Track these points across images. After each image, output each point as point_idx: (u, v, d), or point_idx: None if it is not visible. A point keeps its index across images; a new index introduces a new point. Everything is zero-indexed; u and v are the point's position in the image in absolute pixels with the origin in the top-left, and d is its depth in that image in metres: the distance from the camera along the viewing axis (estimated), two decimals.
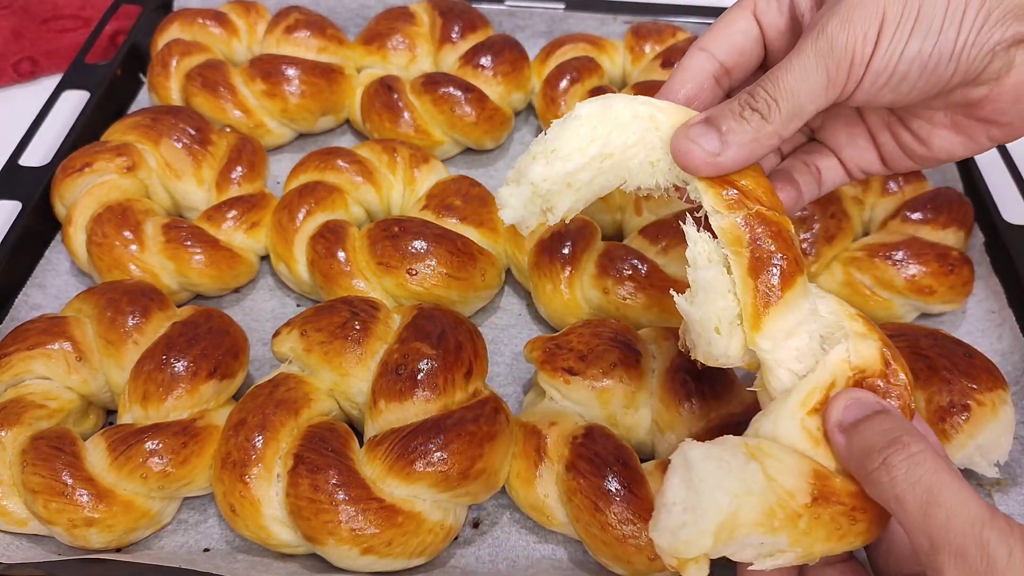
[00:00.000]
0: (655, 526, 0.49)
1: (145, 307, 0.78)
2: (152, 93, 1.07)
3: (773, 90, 0.55)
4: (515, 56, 1.08)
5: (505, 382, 0.84)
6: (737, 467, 0.49)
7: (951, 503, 0.45)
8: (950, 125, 0.61)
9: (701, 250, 0.55)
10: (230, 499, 0.67)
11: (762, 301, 0.52)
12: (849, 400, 0.51)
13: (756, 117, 0.55)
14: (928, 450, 0.47)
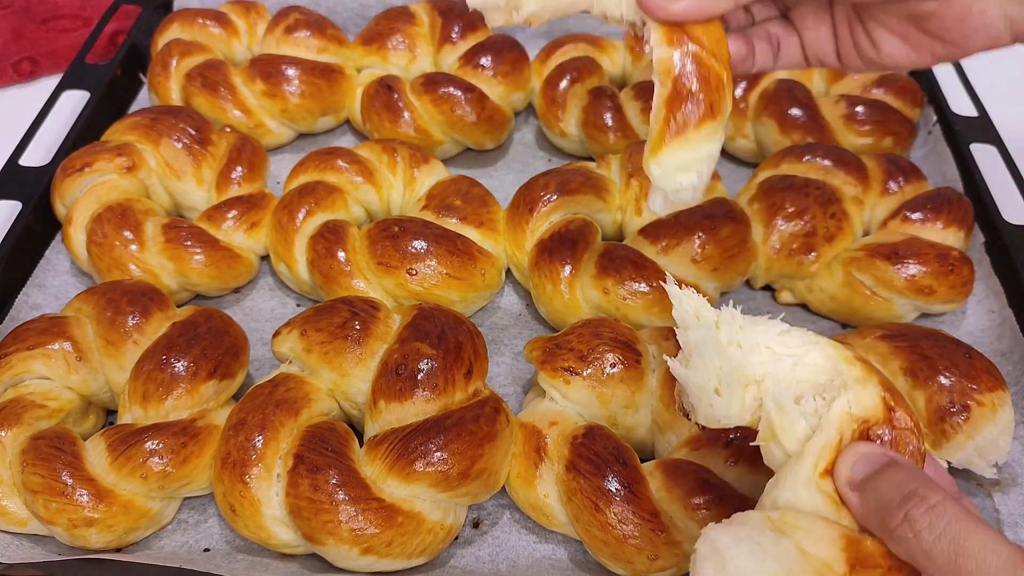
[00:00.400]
0: None
1: (145, 307, 0.78)
2: (152, 93, 1.07)
3: None
4: (515, 56, 1.08)
5: (505, 382, 0.84)
6: (770, 547, 0.47)
7: (979, 552, 0.43)
8: (900, 34, 0.66)
9: (688, 308, 0.54)
10: (230, 499, 0.67)
11: (667, 130, 0.57)
12: (855, 456, 0.49)
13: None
14: (947, 499, 0.46)
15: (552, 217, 0.89)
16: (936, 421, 0.72)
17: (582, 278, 0.84)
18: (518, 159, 1.08)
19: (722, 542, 0.47)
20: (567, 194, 0.89)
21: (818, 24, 0.70)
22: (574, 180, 0.90)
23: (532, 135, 1.12)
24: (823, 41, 0.70)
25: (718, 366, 0.52)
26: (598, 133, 1.01)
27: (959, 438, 0.71)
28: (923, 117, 1.07)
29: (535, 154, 1.09)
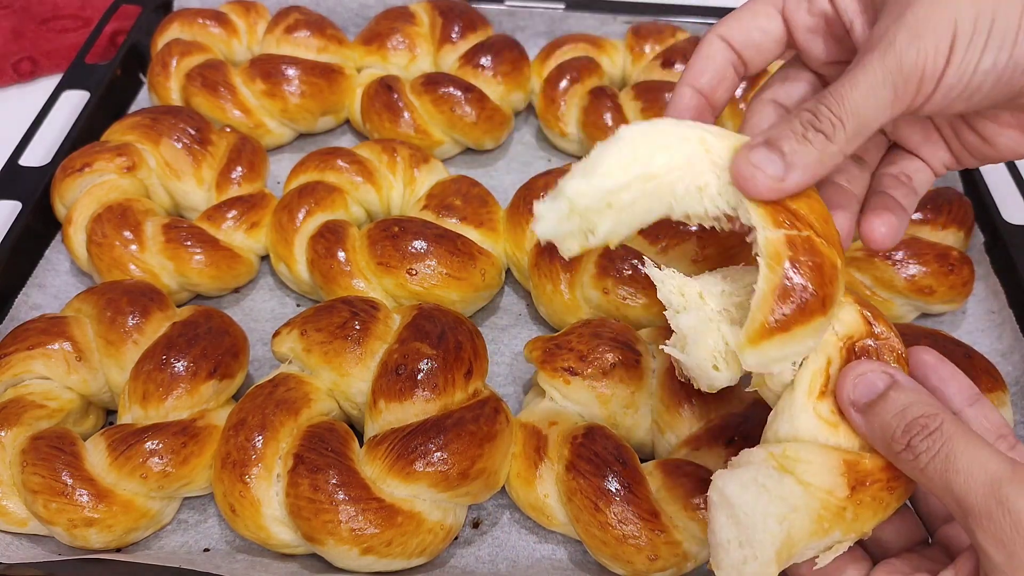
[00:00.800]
0: (719, 565, 0.50)
1: (145, 307, 0.78)
2: (152, 93, 1.07)
3: (837, 108, 0.52)
4: (515, 56, 1.08)
5: (505, 382, 0.84)
6: (774, 487, 0.49)
7: (967, 466, 0.46)
8: (1016, 125, 0.59)
9: (672, 288, 0.54)
10: (230, 499, 0.67)
11: (770, 325, 0.50)
12: (856, 378, 0.52)
13: (820, 138, 0.52)
14: (945, 421, 0.48)
15: None
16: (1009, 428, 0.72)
17: (582, 278, 0.84)
18: (518, 159, 1.08)
19: (730, 489, 0.50)
20: None
21: (927, 136, 0.64)
22: None
23: (532, 135, 1.12)
24: (935, 148, 0.64)
25: (713, 345, 0.53)
26: (598, 133, 1.01)
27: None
28: None
29: (535, 154, 1.09)
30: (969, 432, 0.48)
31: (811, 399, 0.53)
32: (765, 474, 0.50)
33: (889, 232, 0.60)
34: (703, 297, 0.54)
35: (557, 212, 0.53)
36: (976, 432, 0.48)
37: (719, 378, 0.54)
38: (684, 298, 0.55)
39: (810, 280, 0.50)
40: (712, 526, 0.51)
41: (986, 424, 0.55)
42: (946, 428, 0.48)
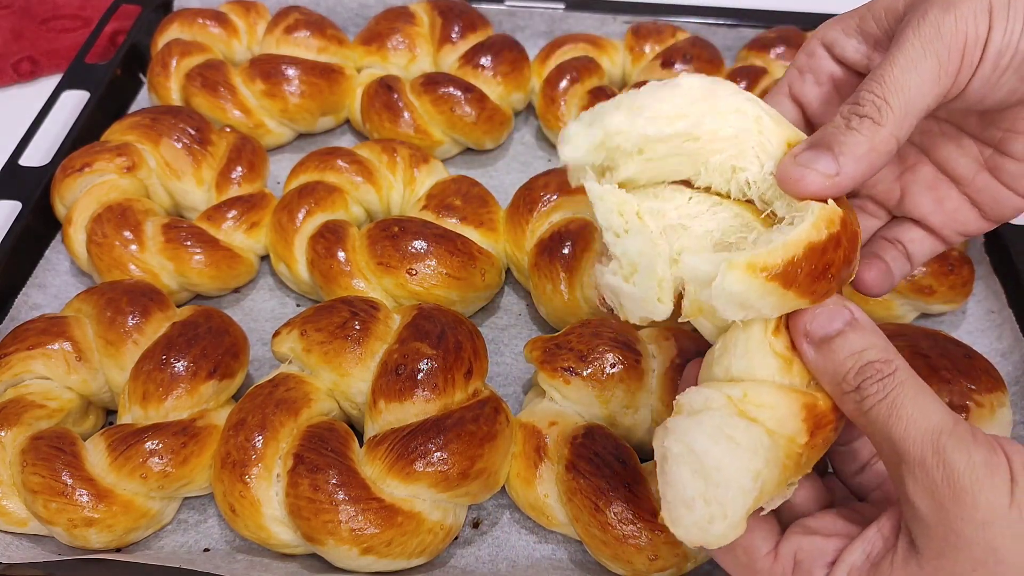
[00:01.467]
0: (678, 523, 0.47)
1: (145, 307, 0.78)
2: (152, 93, 1.07)
3: (879, 89, 0.49)
4: (515, 56, 1.08)
5: (505, 382, 0.84)
6: (744, 439, 0.46)
7: (911, 414, 0.45)
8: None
9: (611, 206, 0.49)
10: (230, 499, 0.67)
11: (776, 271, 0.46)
12: (812, 312, 0.49)
13: (867, 123, 0.49)
14: (899, 369, 0.47)
15: (552, 217, 0.89)
16: None
17: (582, 278, 0.84)
18: (518, 159, 1.08)
19: (699, 443, 0.46)
20: (567, 194, 0.89)
21: (940, 202, 0.60)
22: None
23: (532, 135, 1.12)
24: (954, 212, 0.60)
25: (662, 277, 0.49)
26: None
27: None
28: None
29: (535, 154, 1.09)
30: (920, 383, 0.47)
31: (768, 335, 0.50)
32: (732, 424, 0.46)
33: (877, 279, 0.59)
34: (641, 217, 0.50)
35: (589, 140, 0.50)
36: (927, 386, 0.47)
37: (660, 311, 0.50)
38: (623, 219, 0.49)
39: (834, 264, 0.48)
40: (670, 479, 0.47)
41: None
42: (899, 375, 0.46)
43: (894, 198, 0.62)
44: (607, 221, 0.50)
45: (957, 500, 0.43)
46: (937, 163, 0.61)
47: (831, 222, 0.48)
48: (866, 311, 0.85)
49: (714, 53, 1.09)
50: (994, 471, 0.43)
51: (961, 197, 0.60)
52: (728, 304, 0.47)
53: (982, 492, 0.42)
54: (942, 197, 0.60)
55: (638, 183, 0.52)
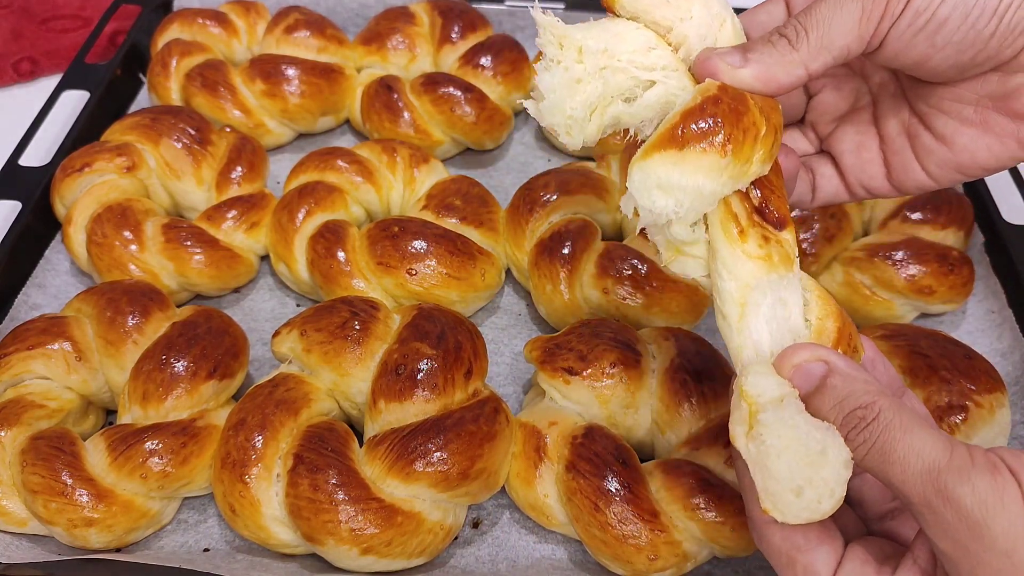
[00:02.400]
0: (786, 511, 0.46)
1: (145, 307, 0.78)
2: (152, 93, 1.07)
3: (804, 18, 0.53)
4: (515, 56, 1.08)
5: (505, 382, 0.84)
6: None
7: (904, 457, 0.44)
8: (978, 122, 0.57)
9: (552, 38, 0.52)
10: (230, 499, 0.67)
11: (667, 138, 0.50)
12: (792, 368, 0.50)
13: (783, 42, 0.53)
14: (883, 410, 0.46)
15: (552, 217, 0.89)
16: (934, 420, 0.72)
17: (582, 278, 0.84)
18: (518, 159, 1.08)
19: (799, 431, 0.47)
20: (567, 194, 0.89)
21: (859, 146, 0.63)
22: (574, 180, 0.90)
23: (532, 135, 1.12)
24: (867, 163, 0.63)
25: (573, 106, 0.52)
26: None
27: (956, 438, 0.71)
28: None
29: (535, 154, 1.09)
30: (907, 418, 0.46)
31: (735, 245, 0.52)
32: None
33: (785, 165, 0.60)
34: (582, 54, 0.52)
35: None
36: (916, 416, 0.46)
37: (569, 142, 0.53)
38: (561, 51, 0.52)
39: (723, 118, 0.50)
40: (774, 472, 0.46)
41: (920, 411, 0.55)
42: (883, 417, 0.46)
43: (828, 130, 0.66)
44: (545, 49, 0.52)
45: (975, 536, 0.42)
46: (875, 117, 0.64)
47: (706, 90, 0.51)
48: (866, 311, 0.86)
49: None
50: (1002, 493, 0.42)
51: (879, 153, 0.63)
52: (649, 195, 0.50)
53: (997, 521, 0.41)
54: (863, 145, 0.63)
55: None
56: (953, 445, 0.44)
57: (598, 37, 0.53)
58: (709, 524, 0.65)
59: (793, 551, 0.51)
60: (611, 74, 0.52)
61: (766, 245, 0.53)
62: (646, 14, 0.54)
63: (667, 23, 0.54)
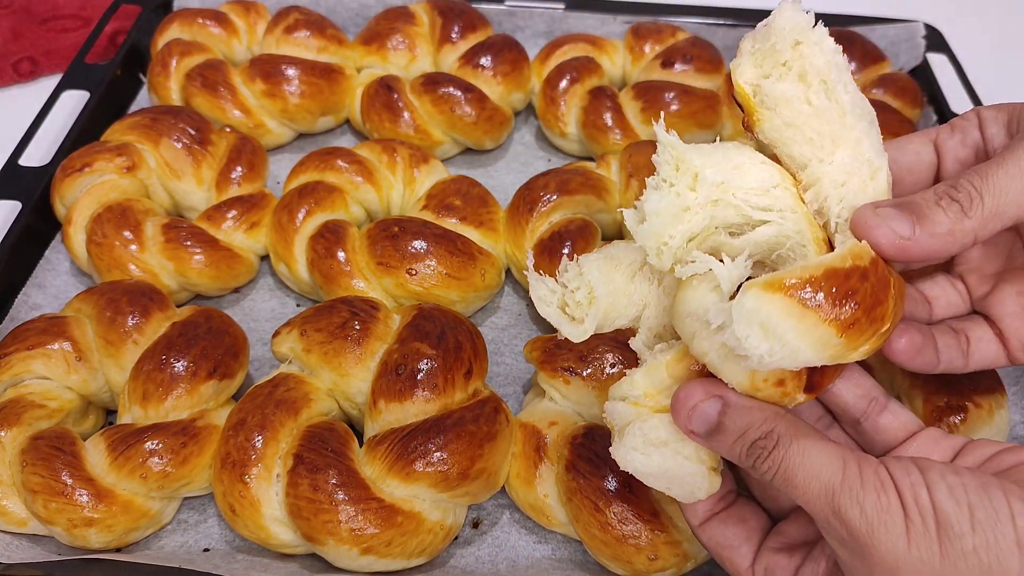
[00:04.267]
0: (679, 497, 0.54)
1: (145, 307, 0.78)
2: (152, 93, 1.07)
3: (979, 183, 0.49)
4: (515, 56, 1.08)
5: (505, 382, 0.84)
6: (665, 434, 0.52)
7: (803, 480, 0.47)
8: None
9: (670, 158, 0.50)
10: (230, 499, 0.67)
11: (800, 289, 0.45)
12: (688, 412, 0.50)
13: (955, 208, 0.49)
14: (781, 436, 0.48)
15: (552, 217, 0.89)
16: (933, 421, 0.72)
17: None
18: (518, 159, 1.08)
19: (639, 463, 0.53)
20: (567, 194, 0.89)
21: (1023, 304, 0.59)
22: (574, 180, 0.90)
23: (532, 135, 1.12)
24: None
25: (666, 241, 0.50)
26: (598, 133, 1.01)
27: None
28: (923, 117, 1.07)
29: (535, 154, 1.09)
30: (804, 441, 0.48)
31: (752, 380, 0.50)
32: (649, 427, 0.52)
33: (908, 348, 0.58)
34: (696, 181, 0.49)
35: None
36: (812, 433, 0.48)
37: (656, 263, 0.51)
38: (676, 173, 0.50)
39: (861, 301, 0.46)
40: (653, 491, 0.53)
41: (856, 391, 0.56)
42: (781, 444, 0.48)
43: (983, 290, 0.62)
44: (660, 168, 0.50)
45: (864, 553, 0.44)
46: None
47: (859, 256, 0.47)
48: None
49: (714, 53, 1.09)
50: (885, 515, 0.44)
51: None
52: (749, 328, 0.45)
53: (880, 542, 0.44)
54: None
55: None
56: (846, 462, 0.46)
57: (718, 166, 0.50)
58: None
59: (718, 549, 0.57)
60: (722, 208, 0.50)
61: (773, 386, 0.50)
62: (784, 146, 0.51)
63: (804, 160, 0.51)
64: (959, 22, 1.23)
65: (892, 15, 1.18)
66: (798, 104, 0.51)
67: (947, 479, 0.44)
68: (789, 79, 0.51)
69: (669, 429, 0.52)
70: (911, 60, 1.14)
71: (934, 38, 1.14)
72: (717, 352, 0.49)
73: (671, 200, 0.49)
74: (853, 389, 0.56)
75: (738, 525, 0.57)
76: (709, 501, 0.57)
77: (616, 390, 0.54)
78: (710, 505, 0.57)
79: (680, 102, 1.01)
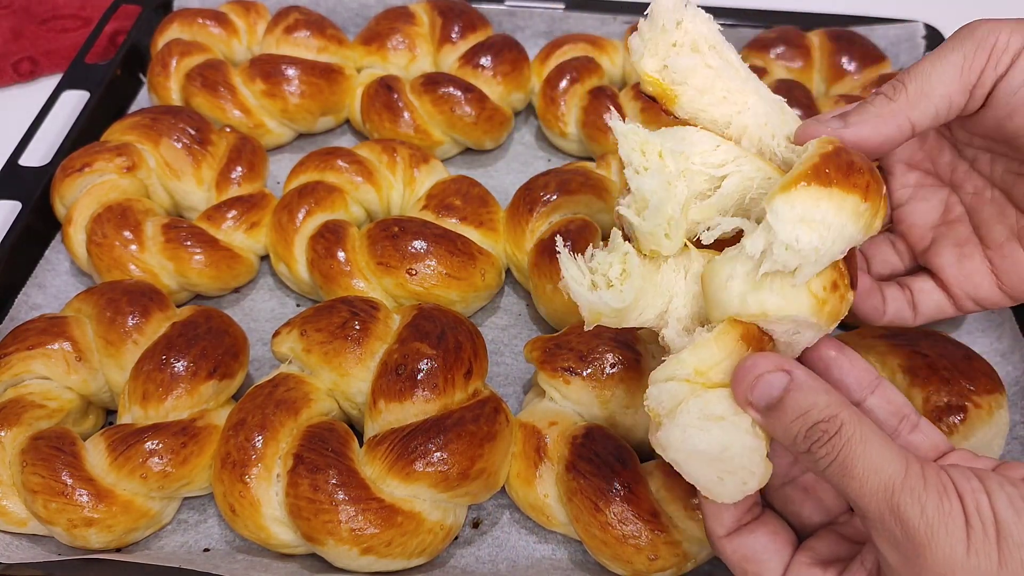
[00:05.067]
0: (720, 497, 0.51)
1: (145, 307, 0.78)
2: (152, 93, 1.07)
3: (903, 75, 0.53)
4: (515, 56, 1.08)
5: (505, 382, 0.84)
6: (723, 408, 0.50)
7: (862, 472, 0.45)
8: None
9: (634, 144, 0.53)
10: (230, 499, 0.67)
11: (815, 173, 0.49)
12: (753, 380, 0.49)
13: (880, 98, 0.53)
14: (845, 424, 0.47)
15: (552, 217, 0.89)
16: (932, 421, 0.72)
17: None
18: (518, 159, 1.08)
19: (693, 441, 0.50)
20: (567, 194, 0.89)
21: (962, 258, 0.61)
22: (574, 180, 0.90)
23: (532, 135, 1.12)
24: (973, 273, 0.61)
25: (670, 215, 0.52)
26: (598, 133, 1.01)
27: (954, 439, 0.71)
28: None
29: (535, 154, 1.09)
30: (868, 433, 0.47)
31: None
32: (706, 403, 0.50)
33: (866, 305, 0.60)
34: (663, 157, 0.53)
35: None
36: (876, 429, 0.47)
37: (667, 246, 0.53)
38: (645, 157, 0.53)
39: (861, 162, 0.50)
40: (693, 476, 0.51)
41: (888, 407, 0.55)
42: (844, 431, 0.47)
43: (923, 244, 0.64)
44: (629, 158, 0.53)
45: (918, 555, 0.43)
46: (975, 224, 0.62)
47: (829, 142, 0.52)
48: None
49: None
50: (947, 519, 0.43)
51: (984, 260, 0.61)
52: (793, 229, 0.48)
53: (938, 546, 0.43)
54: (965, 255, 0.62)
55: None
56: (908, 462, 0.45)
57: (672, 141, 0.54)
58: None
59: (743, 562, 0.54)
60: (689, 178, 0.54)
61: (831, 292, 0.51)
62: (704, 113, 0.57)
63: (725, 119, 0.56)
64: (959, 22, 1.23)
65: (892, 15, 1.18)
66: (702, 70, 0.56)
67: (1006, 489, 0.44)
68: (685, 53, 0.56)
69: (726, 404, 0.50)
70: (911, 60, 1.14)
71: (934, 38, 1.14)
72: (774, 292, 0.50)
73: (658, 178, 0.52)
74: (885, 405, 0.56)
75: (767, 537, 0.54)
76: (737, 511, 0.55)
77: (659, 373, 0.52)
78: (737, 515, 0.55)
79: None
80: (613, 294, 0.52)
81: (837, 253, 0.50)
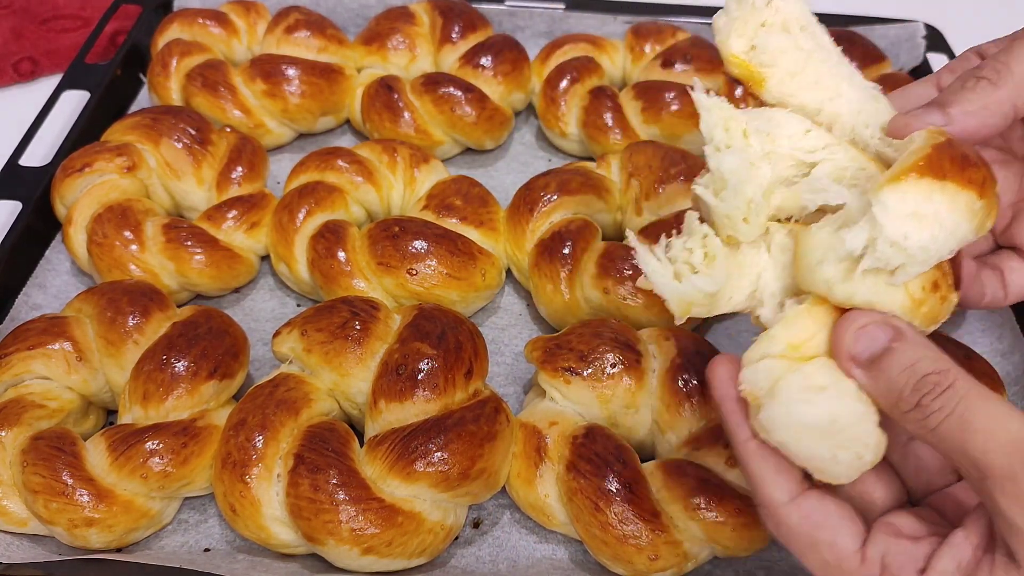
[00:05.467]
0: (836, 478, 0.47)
1: (145, 307, 0.78)
2: (152, 93, 1.07)
3: (1004, 56, 0.49)
4: (515, 56, 1.08)
5: (505, 382, 0.84)
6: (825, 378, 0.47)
7: (987, 426, 0.42)
8: None
9: (717, 120, 0.50)
10: (230, 499, 0.67)
11: (926, 165, 0.45)
12: (856, 330, 0.46)
13: (983, 84, 0.49)
14: (958, 378, 0.44)
15: (552, 217, 0.89)
16: None
17: (582, 278, 0.84)
18: (518, 159, 1.08)
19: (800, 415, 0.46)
20: (567, 194, 0.89)
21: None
22: (574, 180, 0.90)
23: (532, 135, 1.12)
24: None
25: (751, 198, 0.49)
26: (598, 133, 1.01)
27: None
28: None
29: (535, 154, 1.09)
30: (984, 390, 0.44)
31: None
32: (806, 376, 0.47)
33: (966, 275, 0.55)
34: (747, 136, 0.50)
35: None
36: (988, 390, 0.44)
37: (744, 231, 0.50)
38: (728, 134, 0.50)
39: (969, 155, 0.46)
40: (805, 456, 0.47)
41: None
42: (960, 385, 0.43)
43: (1003, 222, 0.61)
44: (710, 134, 0.50)
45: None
46: None
47: (939, 133, 0.48)
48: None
49: (714, 53, 1.09)
50: None
51: None
52: (902, 224, 0.44)
53: None
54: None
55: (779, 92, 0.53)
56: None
57: (759, 121, 0.51)
58: (710, 524, 0.65)
59: (814, 531, 0.48)
60: (776, 161, 0.51)
61: (931, 293, 0.48)
62: (793, 98, 0.53)
63: (816, 105, 0.53)
64: (959, 22, 1.23)
65: (892, 15, 1.18)
66: (793, 52, 0.53)
67: None
68: (775, 33, 0.53)
69: (827, 372, 0.47)
70: (911, 60, 1.14)
71: (934, 38, 1.14)
72: (866, 286, 0.47)
73: (740, 157, 0.49)
74: None
75: (839, 501, 0.49)
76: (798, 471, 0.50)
77: (752, 353, 0.49)
78: (799, 476, 0.50)
79: (680, 102, 1.01)
80: (703, 278, 0.49)
81: (946, 253, 0.46)
